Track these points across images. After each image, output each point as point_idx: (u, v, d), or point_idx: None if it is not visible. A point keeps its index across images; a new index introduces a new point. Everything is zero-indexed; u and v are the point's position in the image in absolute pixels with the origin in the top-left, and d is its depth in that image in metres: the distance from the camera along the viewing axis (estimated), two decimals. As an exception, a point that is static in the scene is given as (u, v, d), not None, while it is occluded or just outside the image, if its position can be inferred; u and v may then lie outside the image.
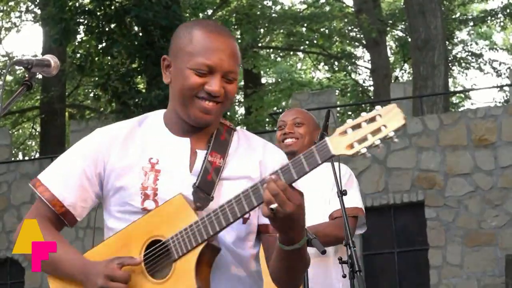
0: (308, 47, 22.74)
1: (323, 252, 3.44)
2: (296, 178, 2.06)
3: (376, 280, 11.58)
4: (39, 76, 2.35)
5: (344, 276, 3.63)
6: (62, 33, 13.27)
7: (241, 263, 2.28)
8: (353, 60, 23.94)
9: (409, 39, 17.70)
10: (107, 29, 13.59)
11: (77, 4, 14.07)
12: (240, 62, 2.34)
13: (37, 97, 20.84)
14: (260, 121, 19.11)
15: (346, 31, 21.67)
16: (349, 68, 24.52)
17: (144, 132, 2.36)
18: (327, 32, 21.39)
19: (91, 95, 16.47)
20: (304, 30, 21.33)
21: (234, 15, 19.44)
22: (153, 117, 2.40)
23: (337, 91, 21.14)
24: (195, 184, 2.23)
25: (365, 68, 24.66)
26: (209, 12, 19.57)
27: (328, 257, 3.78)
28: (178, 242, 2.15)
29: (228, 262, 2.26)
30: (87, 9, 13.87)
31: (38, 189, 2.34)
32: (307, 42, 21.98)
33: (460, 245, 11.27)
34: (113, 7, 13.44)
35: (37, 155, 22.33)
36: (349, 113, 23.97)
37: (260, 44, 21.20)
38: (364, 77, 25.89)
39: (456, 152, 11.55)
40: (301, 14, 21.66)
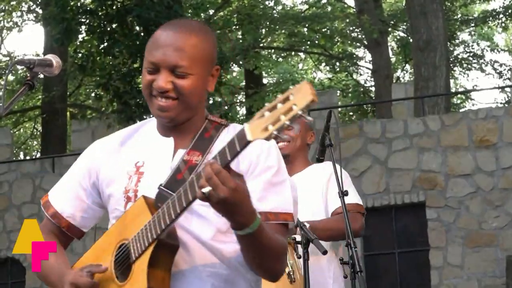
0: (309, 47, 22.70)
1: (324, 252, 3.44)
2: (229, 159, 1.96)
3: (377, 280, 11.57)
4: (41, 76, 2.36)
5: (345, 276, 3.63)
6: (63, 33, 13.25)
7: (223, 259, 2.22)
8: (355, 60, 23.90)
9: (411, 40, 17.69)
10: (108, 29, 13.57)
11: (78, 4, 14.04)
12: (197, 56, 2.24)
13: (39, 97, 20.81)
14: (261, 121, 19.07)
15: (348, 32, 21.64)
16: (351, 68, 24.49)
17: (138, 137, 2.39)
18: (328, 32, 21.34)
19: (93, 95, 16.44)
20: (305, 30, 21.29)
21: (235, 15, 19.39)
22: (153, 121, 2.42)
23: (339, 92, 21.11)
24: (161, 184, 2.20)
25: (367, 68, 24.65)
26: (211, 12, 19.54)
27: (321, 256, 3.74)
28: (134, 244, 2.17)
29: (207, 258, 2.21)
30: (88, 9, 13.85)
31: (43, 205, 2.46)
32: (308, 43, 21.93)
33: (461, 246, 11.27)
34: (114, 7, 13.42)
35: (38, 155, 22.33)
36: (351, 113, 23.97)
37: (261, 45, 21.16)
38: (365, 77, 25.92)
39: (457, 153, 11.54)
40: (302, 14, 21.62)
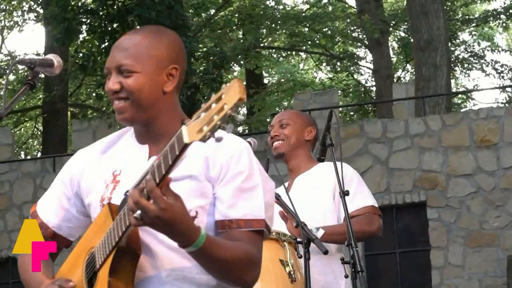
0: (310, 47, 22.70)
1: (325, 252, 3.43)
2: (170, 163, 1.88)
3: (378, 280, 11.57)
4: (42, 76, 2.36)
5: (346, 276, 3.62)
6: (64, 33, 13.26)
7: (198, 266, 2.13)
8: (356, 60, 23.89)
9: (412, 40, 17.68)
10: (109, 28, 13.58)
11: (79, 4, 14.06)
12: (142, 54, 2.24)
13: (39, 96, 20.82)
14: (263, 121, 19.06)
15: (349, 32, 21.63)
16: (352, 68, 24.48)
17: (119, 145, 2.37)
18: (329, 32, 21.34)
19: (94, 94, 16.42)
20: (306, 30, 21.28)
21: (236, 15, 19.38)
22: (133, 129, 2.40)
23: (339, 92, 21.12)
24: (127, 191, 2.10)
25: (368, 68, 24.65)
26: (212, 12, 19.54)
27: (331, 255, 3.74)
28: (98, 251, 2.15)
29: (175, 263, 2.16)
30: (89, 8, 13.86)
31: (31, 216, 2.46)
32: (309, 43, 21.93)
33: (462, 246, 11.26)
34: (115, 6, 13.42)
35: (39, 155, 22.32)
36: (352, 113, 23.97)
37: (262, 44, 21.16)
38: (366, 77, 25.89)
39: (458, 152, 11.54)
40: (303, 14, 21.62)
